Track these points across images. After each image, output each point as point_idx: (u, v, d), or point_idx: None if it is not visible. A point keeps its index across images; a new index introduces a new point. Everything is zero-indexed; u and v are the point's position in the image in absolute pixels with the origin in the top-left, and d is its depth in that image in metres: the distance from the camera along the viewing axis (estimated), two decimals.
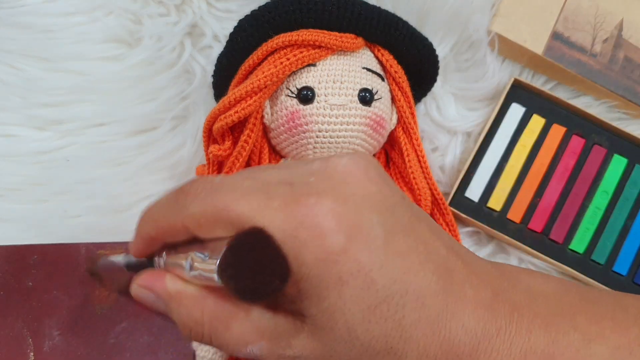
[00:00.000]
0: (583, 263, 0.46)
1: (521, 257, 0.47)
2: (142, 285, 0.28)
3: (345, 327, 0.24)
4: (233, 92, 0.42)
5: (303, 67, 0.43)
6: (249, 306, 0.26)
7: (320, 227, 0.24)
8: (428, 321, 0.24)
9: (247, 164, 0.45)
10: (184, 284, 0.26)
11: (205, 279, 0.25)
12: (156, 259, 0.28)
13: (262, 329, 0.26)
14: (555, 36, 0.49)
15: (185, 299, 0.26)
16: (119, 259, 0.31)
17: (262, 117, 0.44)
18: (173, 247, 0.28)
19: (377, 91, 0.43)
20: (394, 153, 0.47)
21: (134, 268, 0.30)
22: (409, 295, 0.24)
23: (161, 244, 0.28)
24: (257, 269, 0.23)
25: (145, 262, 0.29)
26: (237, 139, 0.43)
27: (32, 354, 0.38)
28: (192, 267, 0.25)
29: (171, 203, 0.27)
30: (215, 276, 0.23)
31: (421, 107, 0.50)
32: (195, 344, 0.40)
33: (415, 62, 0.45)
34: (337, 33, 0.42)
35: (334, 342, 0.25)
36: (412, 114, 0.45)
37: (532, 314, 0.26)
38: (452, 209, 0.46)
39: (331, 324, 0.24)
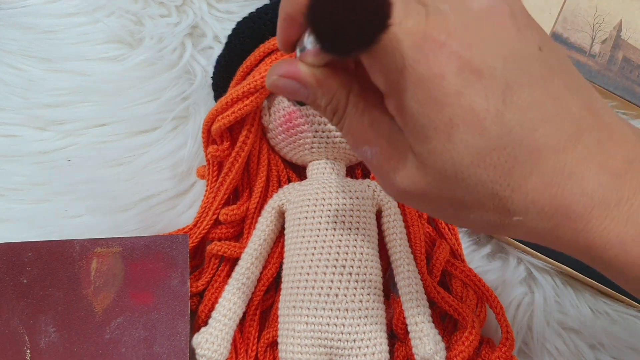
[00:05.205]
0: (582, 263, 0.46)
1: (520, 257, 0.47)
2: (284, 75, 0.27)
3: (452, 169, 0.24)
4: (230, 93, 0.42)
5: None
6: (379, 112, 0.26)
7: (440, 69, 0.23)
8: (540, 175, 0.24)
9: (247, 164, 0.45)
10: (311, 67, 0.26)
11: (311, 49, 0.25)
12: (299, 42, 0.27)
13: (383, 134, 0.26)
14: (555, 37, 0.49)
15: (321, 82, 0.26)
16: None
17: (260, 117, 0.44)
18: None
19: None
20: None
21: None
22: (523, 148, 0.24)
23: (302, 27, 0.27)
24: (351, 13, 0.20)
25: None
26: (236, 139, 0.44)
27: (28, 351, 0.38)
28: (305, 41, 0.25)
29: None
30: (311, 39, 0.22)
31: None
32: (195, 342, 0.40)
33: None
34: None
35: (438, 181, 0.25)
36: None
37: None
38: None
39: (437, 164, 0.24)
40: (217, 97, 0.48)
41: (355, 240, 0.40)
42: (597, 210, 0.24)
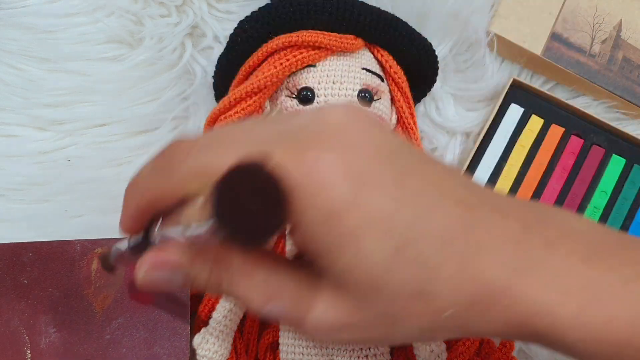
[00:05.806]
0: None
1: None
2: (155, 264, 0.25)
3: (369, 281, 0.23)
4: (233, 93, 0.42)
5: (303, 68, 0.43)
6: (270, 262, 0.24)
7: (324, 180, 0.22)
8: (454, 259, 0.23)
9: None
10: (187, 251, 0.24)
11: (199, 234, 0.23)
12: (153, 230, 0.26)
13: (283, 281, 0.24)
14: (554, 37, 0.49)
15: (198, 254, 0.24)
16: (123, 244, 0.28)
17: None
18: (165, 215, 0.25)
19: (376, 92, 0.44)
20: None
21: (137, 249, 0.27)
22: (430, 237, 0.22)
23: (152, 213, 0.25)
24: (253, 205, 0.20)
25: (146, 242, 0.26)
26: None
27: (28, 351, 0.39)
28: (187, 227, 0.23)
29: (157, 169, 0.25)
30: (206, 226, 0.21)
31: (420, 108, 0.50)
32: (195, 343, 0.40)
33: (414, 63, 0.46)
34: (336, 34, 0.43)
35: (360, 299, 0.23)
36: (412, 114, 0.45)
37: (568, 251, 0.24)
38: None
39: (353, 280, 0.23)
40: (217, 96, 0.48)
41: None
42: (515, 280, 0.23)
